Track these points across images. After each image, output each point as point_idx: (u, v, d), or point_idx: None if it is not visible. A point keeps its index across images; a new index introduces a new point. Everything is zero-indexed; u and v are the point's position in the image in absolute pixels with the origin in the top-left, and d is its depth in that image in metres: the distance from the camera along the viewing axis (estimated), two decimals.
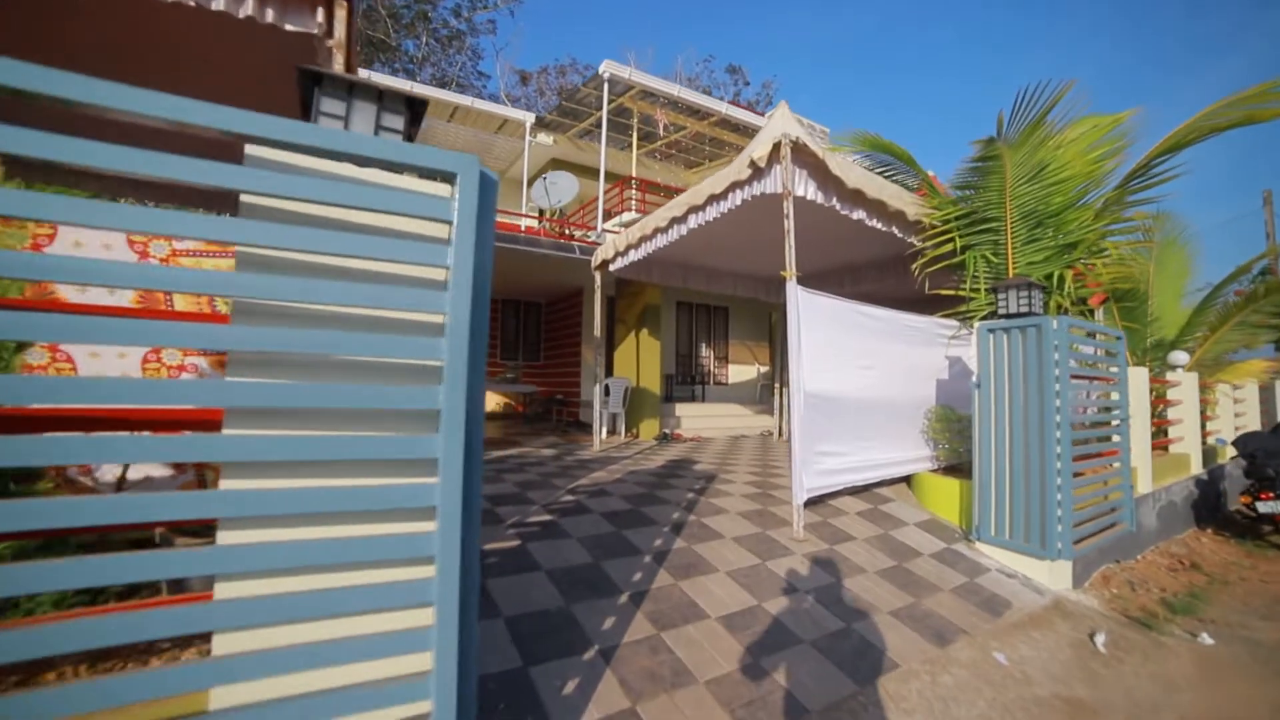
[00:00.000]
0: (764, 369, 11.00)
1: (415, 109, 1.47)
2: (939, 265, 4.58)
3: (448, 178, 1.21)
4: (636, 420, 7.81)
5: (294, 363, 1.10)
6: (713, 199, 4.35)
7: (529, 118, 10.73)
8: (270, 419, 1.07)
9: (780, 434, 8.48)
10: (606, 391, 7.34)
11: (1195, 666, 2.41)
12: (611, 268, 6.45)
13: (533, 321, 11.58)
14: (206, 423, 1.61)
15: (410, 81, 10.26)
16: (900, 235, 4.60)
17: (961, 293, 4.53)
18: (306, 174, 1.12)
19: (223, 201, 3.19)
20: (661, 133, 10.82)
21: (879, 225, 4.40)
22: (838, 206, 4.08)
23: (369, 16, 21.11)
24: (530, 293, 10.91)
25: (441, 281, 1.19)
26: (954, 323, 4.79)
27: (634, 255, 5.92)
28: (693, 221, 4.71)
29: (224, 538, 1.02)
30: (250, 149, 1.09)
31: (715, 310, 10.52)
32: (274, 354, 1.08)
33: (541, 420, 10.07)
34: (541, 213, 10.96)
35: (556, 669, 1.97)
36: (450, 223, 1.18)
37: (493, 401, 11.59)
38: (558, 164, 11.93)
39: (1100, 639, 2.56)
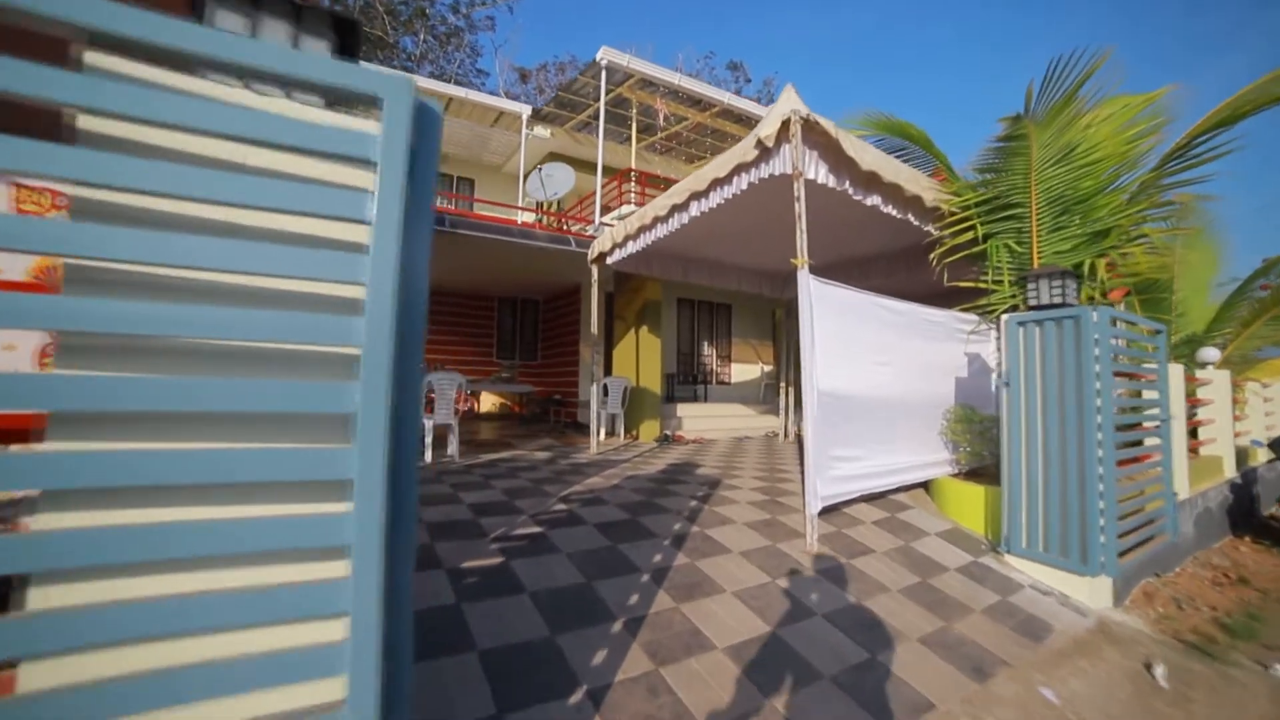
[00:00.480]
0: (768, 368, 10.68)
1: (346, 37, 1.17)
2: (958, 255, 4.28)
3: (373, 105, 0.91)
4: (636, 421, 7.50)
5: (146, 349, 0.80)
6: (716, 183, 4.05)
7: (525, 110, 10.44)
8: (111, 427, 0.77)
9: (785, 435, 8.17)
10: (605, 391, 7.03)
11: (1277, 707, 2.10)
12: (609, 260, 6.15)
13: (530, 320, 11.29)
14: None
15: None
16: (916, 223, 4.29)
17: (982, 284, 4.24)
18: (173, 92, 0.82)
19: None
20: (661, 123, 10.50)
21: (894, 212, 4.10)
22: (850, 191, 3.78)
23: (366, 13, 20.81)
24: (527, 290, 10.61)
25: (361, 244, 0.89)
26: (973, 317, 4.48)
27: (632, 247, 5.61)
28: (695, 209, 4.40)
29: (35, 598, 0.73)
30: (91, 55, 0.80)
31: (718, 307, 10.20)
32: (116, 337, 0.78)
33: (538, 421, 9.77)
34: (539, 205, 10.68)
35: (538, 716, 1.68)
36: (374, 164, 0.89)
37: (489, 402, 11.31)
38: (555, 158, 11.62)
39: (1159, 671, 2.25)
